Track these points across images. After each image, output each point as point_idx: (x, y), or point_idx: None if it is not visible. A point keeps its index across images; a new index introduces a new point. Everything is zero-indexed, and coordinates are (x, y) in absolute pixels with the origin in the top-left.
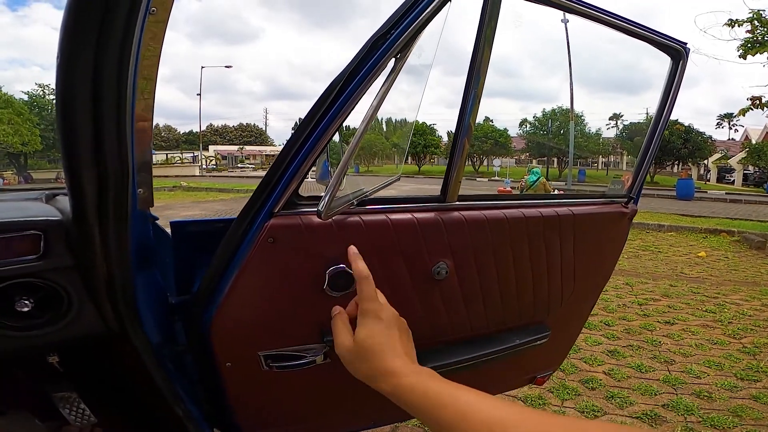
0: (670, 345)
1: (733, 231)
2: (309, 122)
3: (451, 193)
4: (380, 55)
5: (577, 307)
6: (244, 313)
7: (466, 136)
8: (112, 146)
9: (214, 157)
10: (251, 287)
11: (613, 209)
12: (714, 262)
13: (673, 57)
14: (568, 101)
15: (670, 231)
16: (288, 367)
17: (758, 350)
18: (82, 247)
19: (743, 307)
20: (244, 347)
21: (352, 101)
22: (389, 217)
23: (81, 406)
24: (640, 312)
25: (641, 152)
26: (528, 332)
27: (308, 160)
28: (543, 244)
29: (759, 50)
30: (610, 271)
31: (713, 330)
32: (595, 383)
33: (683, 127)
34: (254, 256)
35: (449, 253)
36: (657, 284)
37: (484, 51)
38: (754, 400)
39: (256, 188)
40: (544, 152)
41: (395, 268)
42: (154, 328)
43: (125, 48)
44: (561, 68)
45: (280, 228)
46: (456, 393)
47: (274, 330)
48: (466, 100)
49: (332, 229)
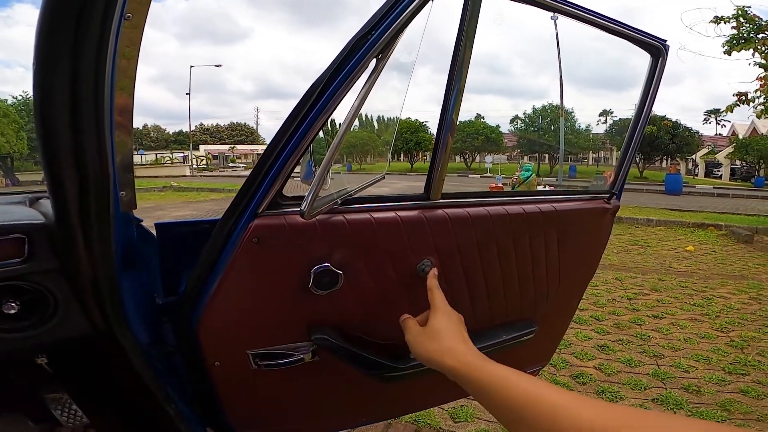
0: (659, 339)
1: (720, 225)
2: (291, 122)
3: (435, 191)
4: (362, 55)
5: (563, 302)
6: (231, 312)
7: (449, 132)
8: (91, 150)
9: (205, 157)
10: (237, 287)
11: (595, 205)
12: (702, 256)
13: (653, 54)
14: (558, 98)
15: (659, 225)
16: (276, 366)
17: (746, 344)
18: (66, 250)
19: (731, 301)
20: (232, 346)
21: (334, 101)
22: (373, 215)
23: (73, 407)
24: (629, 306)
25: (623, 148)
26: (514, 328)
27: (291, 160)
28: (527, 241)
29: (744, 47)
30: (594, 266)
31: (701, 324)
32: (586, 378)
33: (671, 123)
34: (239, 256)
35: (433, 251)
36: (646, 278)
37: (466, 48)
38: (743, 393)
39: (240, 189)
40: (535, 149)
41: (380, 266)
42: (142, 328)
43: (101, 52)
44: (550, 66)
45: (265, 228)
46: (524, 378)
47: (261, 329)
48: (448, 96)
49: (316, 229)
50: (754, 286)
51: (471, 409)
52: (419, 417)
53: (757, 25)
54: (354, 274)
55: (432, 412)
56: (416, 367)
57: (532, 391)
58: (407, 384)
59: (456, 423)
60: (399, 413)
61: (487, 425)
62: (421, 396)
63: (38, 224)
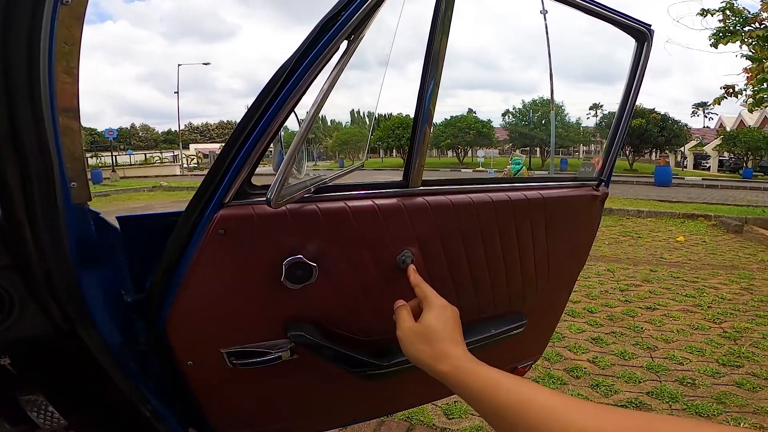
0: (652, 331)
1: (710, 216)
2: (258, 107)
3: (415, 178)
4: (331, 37)
5: (553, 294)
6: (200, 309)
7: (426, 122)
8: (30, 140)
9: (196, 156)
10: (205, 282)
11: (583, 192)
12: (692, 247)
13: (638, 39)
14: (548, 92)
15: (650, 217)
16: (253, 365)
17: (739, 335)
18: (15, 246)
19: (722, 291)
20: (204, 345)
21: (302, 85)
22: (348, 204)
23: (49, 409)
24: (621, 298)
25: (610, 134)
26: (504, 322)
27: (258, 147)
28: (514, 229)
29: (730, 39)
30: (584, 256)
31: (693, 315)
32: (580, 372)
33: (660, 116)
34: (205, 249)
35: (414, 241)
36: (638, 270)
37: (442, 37)
38: (737, 386)
39: (204, 178)
40: (526, 142)
41: (358, 258)
42: (109, 327)
43: (33, 37)
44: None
45: (231, 218)
46: (515, 380)
47: (233, 326)
48: (424, 86)
49: (286, 219)
50: (745, 277)
51: (464, 405)
52: (412, 414)
53: (744, 17)
54: (330, 267)
55: (425, 408)
56: (401, 364)
57: (523, 394)
58: (395, 381)
59: (450, 420)
60: (388, 411)
61: (481, 422)
62: (412, 393)
63: None
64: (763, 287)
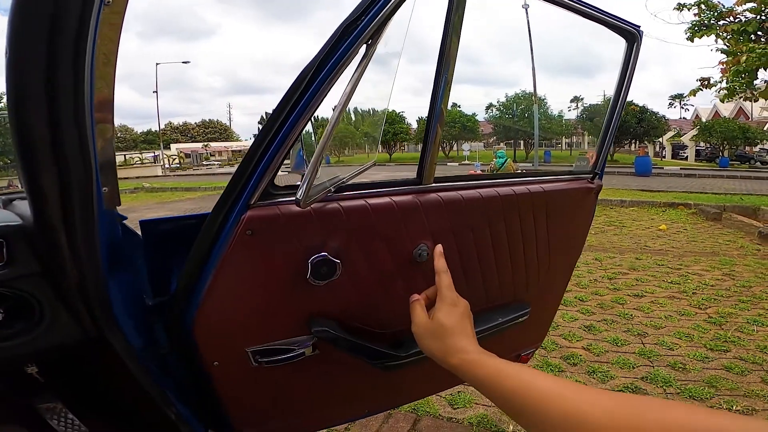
0: (641, 318)
1: (689, 204)
2: (281, 112)
3: (427, 176)
4: (351, 42)
5: (553, 282)
6: (227, 309)
7: (438, 121)
8: (72, 145)
9: (177, 156)
10: (232, 282)
11: (580, 185)
12: (674, 234)
13: (628, 39)
14: (531, 85)
15: (632, 206)
16: (277, 362)
17: (723, 320)
18: (48, 252)
19: (705, 278)
20: (231, 345)
21: (324, 89)
22: (368, 201)
23: (69, 416)
24: (610, 286)
25: (602, 130)
26: (509, 310)
27: (282, 149)
28: (518, 221)
29: (705, 33)
30: (580, 246)
31: (680, 301)
32: (576, 359)
33: (638, 108)
34: (233, 250)
35: (429, 235)
36: (624, 258)
37: (452, 37)
38: (727, 370)
39: (230, 181)
40: (511, 135)
41: (377, 253)
42: (134, 331)
43: (80, 42)
44: (521, 54)
45: (258, 219)
46: (517, 368)
47: (259, 324)
48: (437, 86)
49: (312, 218)
50: (726, 263)
51: (468, 395)
52: (418, 406)
53: (719, 12)
54: (352, 263)
55: (430, 400)
56: (417, 354)
57: (523, 381)
58: (407, 372)
59: (455, 409)
60: (399, 403)
61: (486, 410)
62: (421, 384)
63: (15, 226)
64: (744, 273)
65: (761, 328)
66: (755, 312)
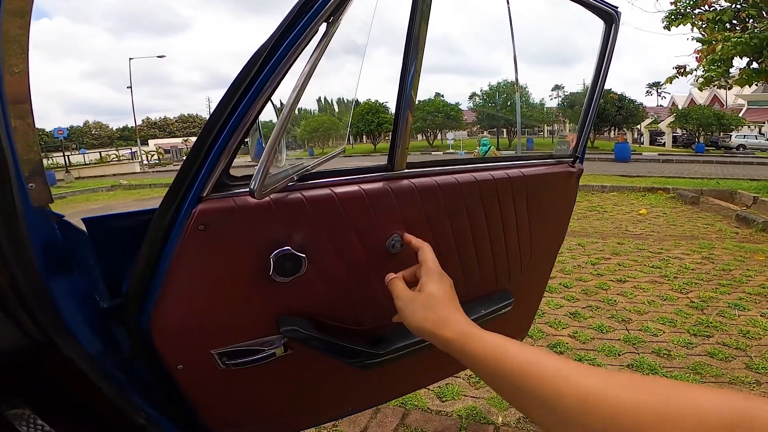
0: (625, 303)
1: (668, 188)
2: (233, 95)
3: (399, 161)
4: (309, 19)
5: (536, 271)
6: (185, 310)
7: (408, 109)
8: None
9: (156, 152)
10: (187, 282)
11: (561, 169)
12: (654, 218)
13: (606, 20)
14: (512, 74)
15: (612, 191)
16: (246, 364)
17: (705, 304)
18: None
19: (685, 261)
20: (193, 347)
21: (282, 68)
22: (334, 190)
23: (38, 422)
24: (593, 272)
25: (582, 112)
26: (492, 300)
27: (235, 136)
28: (498, 208)
29: (681, 21)
30: (563, 232)
31: (661, 286)
32: (563, 347)
33: (617, 96)
34: (185, 247)
35: (402, 225)
36: (606, 243)
37: (421, 22)
38: (710, 356)
39: (179, 171)
40: (494, 124)
41: (347, 245)
42: (89, 335)
43: None
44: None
45: (212, 212)
46: (519, 346)
47: (222, 326)
48: (405, 73)
49: (271, 209)
50: (705, 246)
51: (456, 387)
52: (407, 399)
53: (694, 0)
54: (319, 257)
55: (419, 393)
56: (397, 351)
57: (531, 358)
58: (391, 368)
59: (443, 402)
60: (386, 399)
61: (474, 402)
62: (407, 379)
63: None
64: (723, 256)
65: (742, 313)
66: (735, 296)
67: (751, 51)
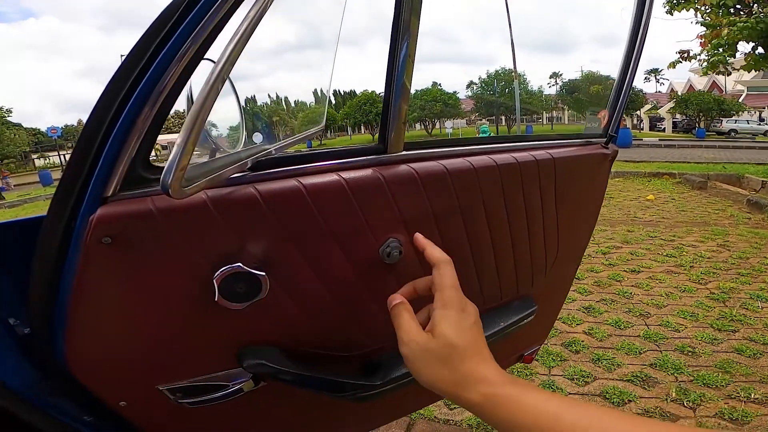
0: (641, 296)
1: (674, 173)
2: (143, 52)
3: (394, 141)
4: None
5: (562, 271)
6: (108, 344)
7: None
8: None
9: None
10: (102, 311)
11: (593, 150)
12: (663, 204)
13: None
14: (509, 62)
15: (617, 177)
16: (208, 401)
17: (726, 296)
18: None
19: (700, 249)
20: (132, 383)
21: (206, 23)
22: (302, 181)
23: None
24: (605, 262)
25: (616, 85)
26: (513, 310)
27: (147, 108)
28: (522, 198)
29: (684, 6)
30: (592, 225)
31: (678, 276)
32: (578, 345)
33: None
34: (86, 269)
35: (401, 225)
36: (615, 231)
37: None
38: (738, 353)
39: (67, 164)
40: (492, 111)
41: (325, 256)
42: (6, 365)
43: None
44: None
45: (119, 219)
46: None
47: (164, 358)
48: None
49: (209, 211)
50: (719, 233)
51: None
52: None
53: None
54: (286, 273)
55: None
56: (399, 380)
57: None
58: (392, 396)
59: (451, 410)
60: (384, 423)
61: None
62: (410, 401)
63: None
64: (738, 243)
65: (765, 305)
66: (757, 286)
67: (758, 36)
